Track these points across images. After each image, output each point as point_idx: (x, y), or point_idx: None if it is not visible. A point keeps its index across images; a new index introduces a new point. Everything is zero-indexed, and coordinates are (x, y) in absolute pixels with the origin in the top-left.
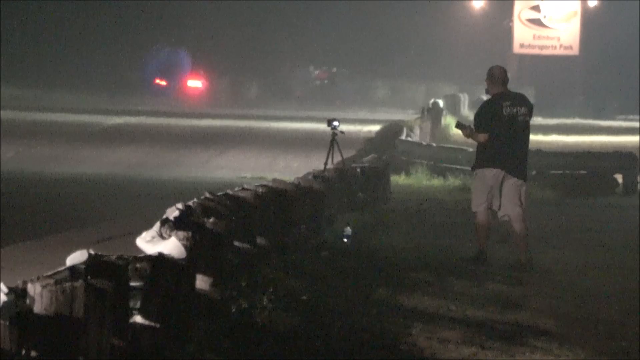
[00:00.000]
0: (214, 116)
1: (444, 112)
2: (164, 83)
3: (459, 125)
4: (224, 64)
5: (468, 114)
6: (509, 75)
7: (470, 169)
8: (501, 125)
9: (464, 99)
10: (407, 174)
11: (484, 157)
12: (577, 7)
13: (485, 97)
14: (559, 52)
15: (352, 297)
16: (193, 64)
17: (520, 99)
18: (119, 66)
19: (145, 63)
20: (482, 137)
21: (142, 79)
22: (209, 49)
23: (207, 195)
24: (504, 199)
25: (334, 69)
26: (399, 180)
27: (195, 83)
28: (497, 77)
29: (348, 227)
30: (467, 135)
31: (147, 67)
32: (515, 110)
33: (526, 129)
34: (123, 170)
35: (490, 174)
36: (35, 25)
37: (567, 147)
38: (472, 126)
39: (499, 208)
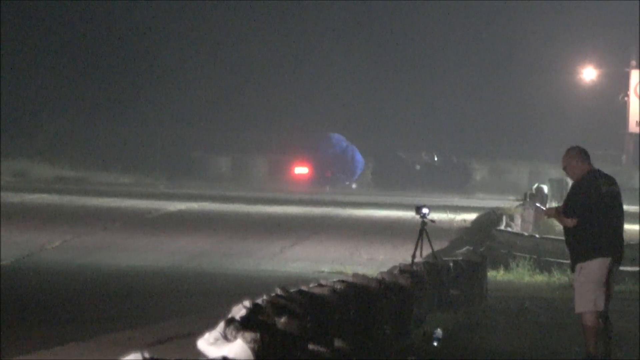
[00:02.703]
0: (288, 202)
1: (549, 199)
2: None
3: (549, 211)
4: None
5: None
6: (623, 158)
7: (570, 265)
8: (602, 206)
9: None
10: (507, 268)
11: (590, 246)
12: None
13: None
14: None
15: None
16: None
17: (610, 177)
18: (179, 144)
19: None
20: (571, 221)
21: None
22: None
23: (279, 291)
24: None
25: (424, 153)
26: (497, 275)
27: (301, 170)
28: (584, 154)
29: (439, 329)
30: (553, 217)
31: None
32: (612, 189)
33: (622, 208)
34: (183, 261)
35: (602, 265)
36: (80, 92)
37: None
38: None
39: (606, 305)
